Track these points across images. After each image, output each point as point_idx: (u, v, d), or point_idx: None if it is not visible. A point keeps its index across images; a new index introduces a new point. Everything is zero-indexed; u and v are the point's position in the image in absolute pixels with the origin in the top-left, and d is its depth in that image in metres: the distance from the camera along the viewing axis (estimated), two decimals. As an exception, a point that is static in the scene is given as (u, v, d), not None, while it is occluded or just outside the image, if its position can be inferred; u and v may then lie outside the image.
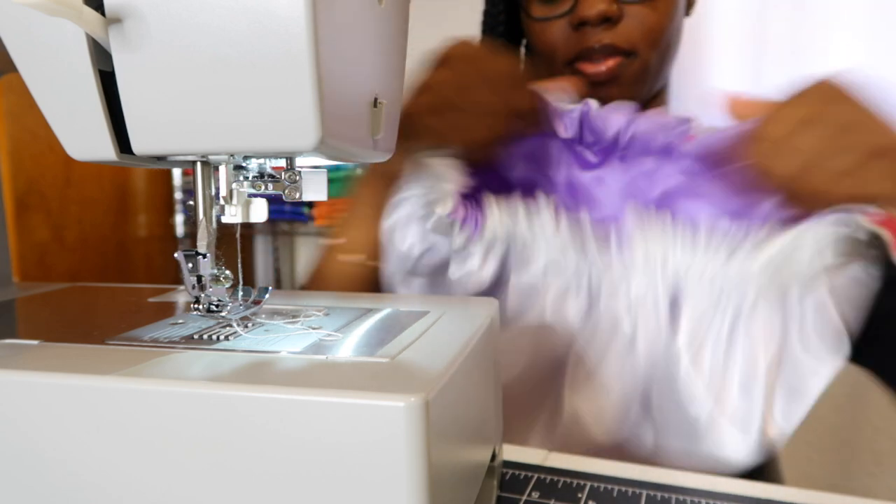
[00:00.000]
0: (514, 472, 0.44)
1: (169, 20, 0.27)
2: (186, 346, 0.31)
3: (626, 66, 0.66)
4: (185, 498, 0.26)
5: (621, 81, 0.67)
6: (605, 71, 0.66)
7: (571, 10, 0.65)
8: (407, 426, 0.24)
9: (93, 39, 0.29)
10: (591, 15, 0.63)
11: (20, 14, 0.29)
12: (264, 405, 0.25)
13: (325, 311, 0.39)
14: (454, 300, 0.42)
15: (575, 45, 0.66)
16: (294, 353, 0.30)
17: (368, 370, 0.28)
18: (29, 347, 0.32)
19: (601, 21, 0.64)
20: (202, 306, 0.34)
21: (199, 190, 0.34)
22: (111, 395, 0.26)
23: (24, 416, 0.27)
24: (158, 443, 0.26)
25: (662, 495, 0.41)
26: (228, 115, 0.28)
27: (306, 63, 0.27)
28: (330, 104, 0.28)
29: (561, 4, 0.66)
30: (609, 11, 0.63)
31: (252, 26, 0.27)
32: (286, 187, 0.34)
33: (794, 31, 1.34)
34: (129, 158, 0.31)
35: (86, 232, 1.64)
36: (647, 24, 0.65)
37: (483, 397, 0.35)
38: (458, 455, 0.29)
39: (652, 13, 0.65)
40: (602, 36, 0.65)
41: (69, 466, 0.27)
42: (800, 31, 1.34)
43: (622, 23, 0.65)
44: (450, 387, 0.27)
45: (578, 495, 0.41)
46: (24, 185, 1.48)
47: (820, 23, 1.31)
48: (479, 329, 0.35)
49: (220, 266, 0.34)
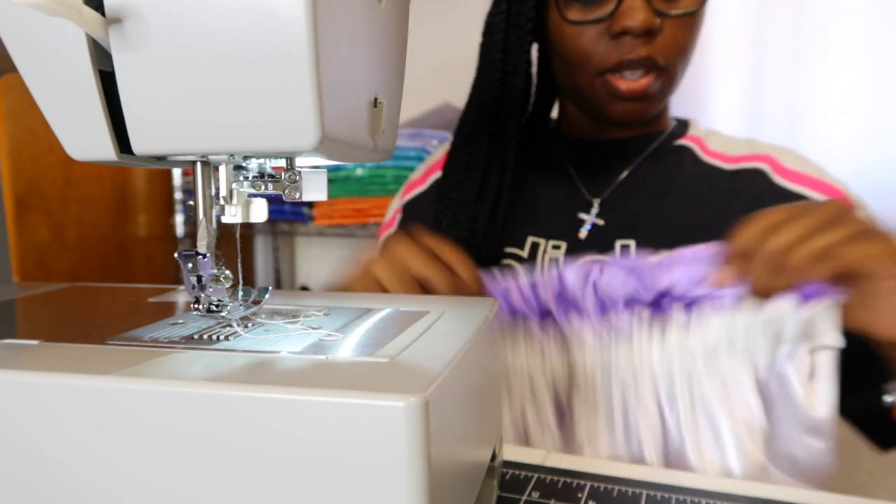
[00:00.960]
0: (514, 472, 0.44)
1: (169, 20, 0.27)
2: (186, 346, 0.31)
3: (657, 81, 0.65)
4: (185, 498, 0.26)
5: (650, 97, 0.66)
6: (639, 90, 0.65)
7: (611, 15, 0.63)
8: (407, 426, 0.24)
9: (93, 39, 0.29)
10: (635, 25, 0.61)
11: (20, 14, 0.29)
12: (264, 405, 0.25)
13: (325, 311, 0.39)
14: (454, 300, 0.42)
15: (611, 54, 0.64)
16: (294, 353, 0.30)
17: (368, 370, 0.28)
18: (29, 347, 0.32)
19: (643, 33, 0.62)
20: (202, 306, 0.34)
21: (199, 190, 0.34)
22: (111, 395, 0.26)
23: (24, 416, 0.27)
24: (158, 443, 0.26)
25: (662, 495, 0.41)
26: (228, 115, 0.28)
27: (306, 63, 0.27)
28: (330, 104, 0.28)
29: (598, 9, 0.64)
30: (653, 23, 0.62)
31: (252, 26, 0.27)
32: (286, 187, 0.34)
33: (794, 34, 1.34)
34: (129, 158, 0.31)
35: (86, 232, 1.64)
36: (679, 40, 0.64)
37: (483, 397, 0.35)
38: (458, 455, 0.29)
39: (684, 28, 0.64)
40: (641, 49, 0.63)
41: (69, 466, 0.27)
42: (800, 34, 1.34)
43: (660, 36, 0.63)
44: (450, 387, 0.27)
45: (578, 495, 0.41)
46: (24, 185, 1.48)
47: (820, 25, 1.32)
48: (479, 329, 0.35)
49: (220, 266, 0.34)
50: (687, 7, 0.64)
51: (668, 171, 0.72)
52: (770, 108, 1.39)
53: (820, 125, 1.36)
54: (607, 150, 0.74)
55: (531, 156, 0.77)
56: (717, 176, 0.71)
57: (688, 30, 0.65)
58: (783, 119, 1.39)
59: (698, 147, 0.73)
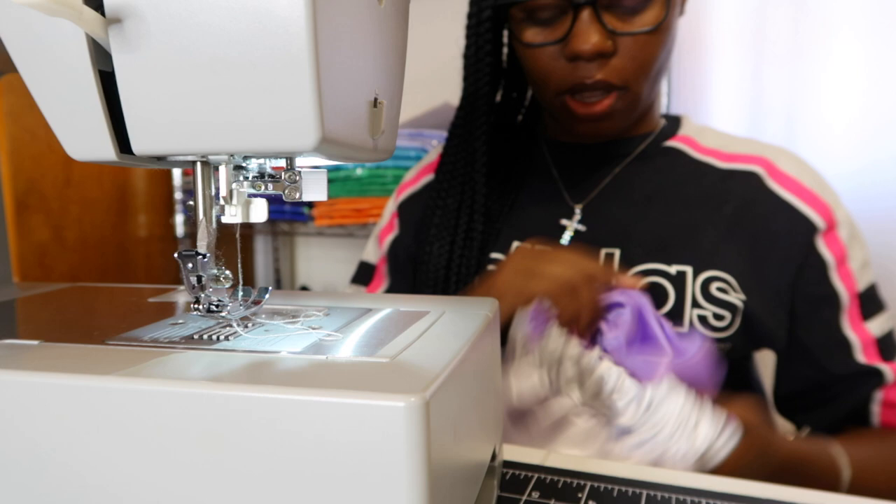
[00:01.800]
0: (514, 472, 0.44)
1: (169, 20, 0.27)
2: (186, 346, 0.31)
3: (618, 101, 0.64)
4: (185, 498, 0.26)
5: (614, 116, 0.66)
6: (598, 112, 0.64)
7: (564, 38, 0.62)
8: (407, 426, 0.24)
9: (93, 39, 0.29)
10: (586, 49, 0.61)
11: (20, 14, 0.29)
12: (264, 405, 0.25)
13: (325, 311, 0.39)
14: (454, 300, 0.42)
15: (568, 76, 0.64)
16: (294, 353, 0.30)
17: (368, 370, 0.28)
18: (29, 347, 0.32)
19: (596, 56, 0.61)
20: (202, 306, 0.34)
21: (199, 190, 0.34)
22: (111, 395, 0.26)
23: (24, 416, 0.27)
24: (158, 443, 0.26)
25: (662, 495, 0.41)
26: (228, 115, 0.28)
27: (306, 63, 0.27)
28: (330, 104, 0.28)
29: (552, 30, 0.63)
30: (603, 47, 0.61)
31: (252, 26, 0.27)
32: (286, 187, 0.34)
33: (794, 31, 1.34)
34: (129, 158, 0.31)
35: (86, 232, 1.64)
36: (640, 59, 0.63)
37: (483, 397, 0.35)
38: (458, 455, 0.29)
39: (646, 46, 0.62)
40: (595, 72, 0.62)
41: (69, 466, 0.27)
42: (800, 31, 1.34)
43: (615, 57, 0.62)
44: (450, 387, 0.27)
45: (578, 495, 0.41)
46: (23, 186, 1.48)
47: (820, 22, 1.31)
48: (479, 329, 0.35)
49: (220, 266, 0.34)
50: (644, 25, 0.62)
51: (655, 174, 0.71)
52: (770, 108, 1.39)
53: (820, 125, 1.36)
54: (591, 154, 0.73)
55: (520, 159, 0.76)
56: (709, 174, 0.69)
57: (651, 47, 0.63)
58: (783, 118, 1.39)
59: (689, 147, 0.72)
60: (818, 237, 0.65)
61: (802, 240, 0.65)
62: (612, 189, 0.71)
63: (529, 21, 0.65)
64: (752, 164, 0.69)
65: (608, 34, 0.61)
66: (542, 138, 0.78)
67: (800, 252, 0.65)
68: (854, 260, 0.65)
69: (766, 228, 0.65)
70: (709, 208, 0.67)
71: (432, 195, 0.76)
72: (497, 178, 0.74)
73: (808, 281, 0.65)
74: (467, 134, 0.74)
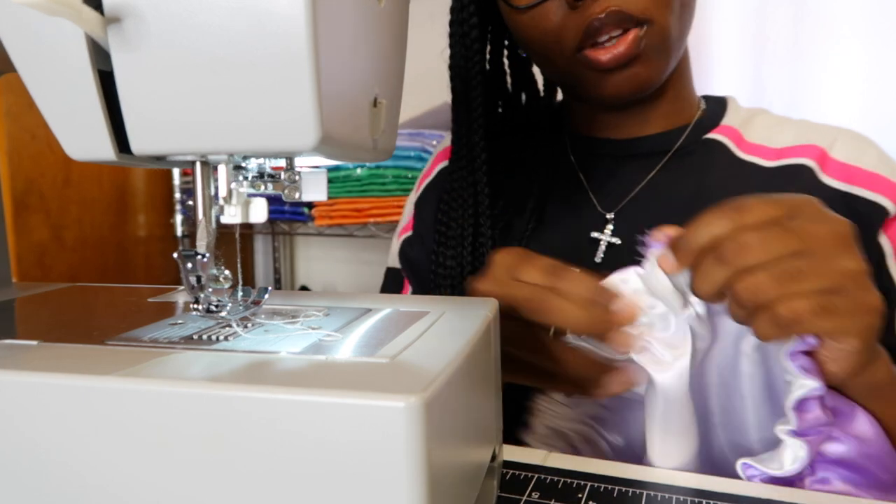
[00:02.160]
0: (514, 472, 0.44)
1: (169, 20, 0.27)
2: (186, 347, 0.31)
3: (645, 38, 0.54)
4: (184, 498, 0.26)
5: (644, 58, 0.55)
6: (623, 53, 0.54)
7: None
8: (406, 426, 0.24)
9: (92, 39, 0.29)
10: None
11: (20, 14, 0.29)
12: (264, 405, 0.25)
13: (324, 311, 0.39)
14: (454, 300, 0.42)
15: (578, 25, 0.54)
16: (294, 354, 0.30)
17: (368, 370, 0.28)
18: (28, 348, 0.32)
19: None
20: (202, 306, 0.34)
21: (198, 190, 0.34)
22: (111, 395, 0.26)
23: (24, 417, 0.27)
24: (158, 443, 0.26)
25: (662, 495, 0.41)
26: (228, 114, 0.28)
27: (306, 63, 0.27)
28: (330, 104, 0.28)
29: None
30: None
31: (252, 26, 0.27)
32: (286, 187, 0.34)
33: (794, 31, 1.34)
34: (129, 158, 0.31)
35: (85, 232, 1.64)
36: None
37: (483, 397, 0.35)
38: (457, 455, 0.29)
39: None
40: (606, 2, 0.53)
41: (69, 467, 0.27)
42: (800, 31, 1.34)
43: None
44: (449, 387, 0.27)
45: (578, 495, 0.41)
46: (23, 186, 1.48)
47: (820, 22, 1.31)
48: (479, 329, 0.35)
49: (219, 266, 0.34)
50: None
51: (694, 174, 0.62)
52: (770, 108, 1.39)
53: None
54: (622, 152, 0.65)
55: (543, 160, 0.68)
56: (754, 176, 0.61)
57: None
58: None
59: (733, 142, 0.63)
60: (887, 224, 0.56)
61: (866, 233, 0.55)
62: (647, 193, 0.63)
63: None
64: (802, 157, 0.60)
65: None
66: (567, 135, 0.70)
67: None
68: None
69: None
70: None
71: (442, 208, 0.68)
72: (511, 186, 0.67)
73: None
74: (467, 132, 0.69)
